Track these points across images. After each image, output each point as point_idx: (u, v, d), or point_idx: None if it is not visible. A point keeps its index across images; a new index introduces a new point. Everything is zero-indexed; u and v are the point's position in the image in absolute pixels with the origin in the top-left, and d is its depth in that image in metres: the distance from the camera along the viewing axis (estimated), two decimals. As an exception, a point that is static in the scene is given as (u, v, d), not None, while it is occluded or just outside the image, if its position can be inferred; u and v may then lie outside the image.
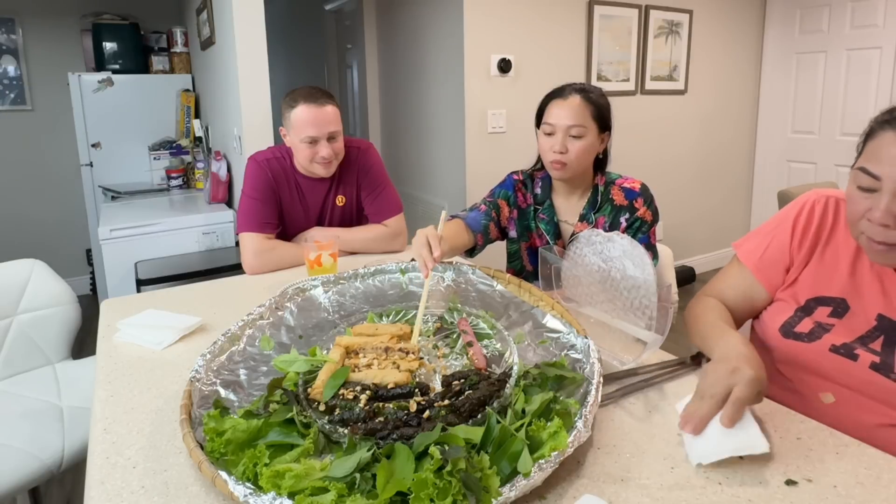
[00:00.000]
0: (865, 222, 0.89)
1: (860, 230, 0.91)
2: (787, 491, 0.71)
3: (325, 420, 0.80)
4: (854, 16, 3.64)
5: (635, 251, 1.02)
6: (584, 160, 1.45)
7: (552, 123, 1.43)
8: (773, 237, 1.08)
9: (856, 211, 0.90)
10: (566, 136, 1.41)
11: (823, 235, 1.03)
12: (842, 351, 0.94)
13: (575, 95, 1.43)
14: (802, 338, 0.98)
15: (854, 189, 0.90)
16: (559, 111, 1.42)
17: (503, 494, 0.65)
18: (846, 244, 1.00)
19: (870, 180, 0.87)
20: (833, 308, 0.99)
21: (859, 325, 0.96)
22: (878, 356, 0.92)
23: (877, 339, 0.94)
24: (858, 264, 0.99)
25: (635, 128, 3.62)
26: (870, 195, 0.88)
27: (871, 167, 0.87)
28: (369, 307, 1.20)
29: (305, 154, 1.66)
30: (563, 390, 0.86)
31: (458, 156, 3.09)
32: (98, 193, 3.52)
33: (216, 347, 0.97)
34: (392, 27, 3.59)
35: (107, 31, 3.64)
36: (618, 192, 1.49)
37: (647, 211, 1.47)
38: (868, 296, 0.97)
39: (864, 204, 0.88)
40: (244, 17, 2.36)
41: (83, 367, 1.72)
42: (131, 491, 0.73)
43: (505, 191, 1.59)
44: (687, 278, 3.99)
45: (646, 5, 3.50)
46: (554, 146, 1.41)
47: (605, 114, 1.46)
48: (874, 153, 0.87)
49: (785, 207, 1.10)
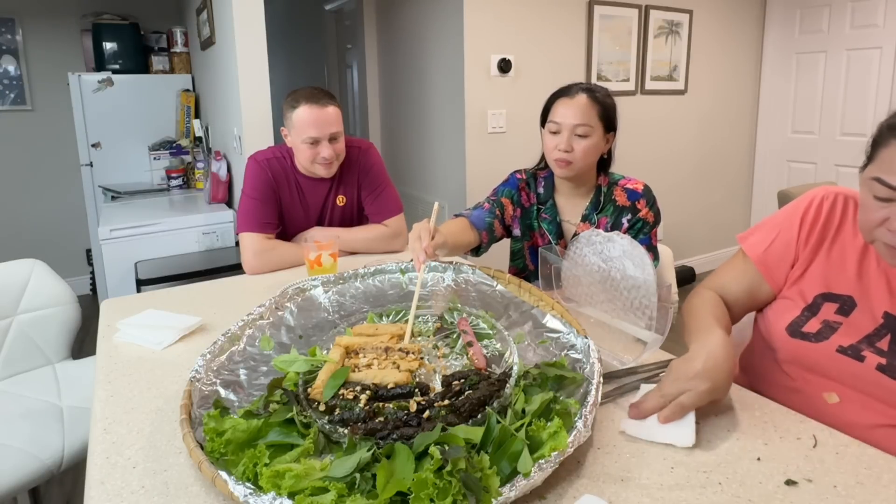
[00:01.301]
0: (884, 231, 0.88)
1: (875, 237, 0.90)
2: (787, 491, 0.71)
3: (325, 420, 0.80)
4: (854, 16, 3.64)
5: (635, 251, 1.02)
6: (588, 159, 1.44)
7: (558, 122, 1.42)
8: (779, 231, 1.07)
9: (872, 219, 0.89)
10: (572, 134, 1.41)
11: (830, 232, 1.02)
12: (849, 352, 0.94)
13: (582, 94, 1.42)
14: (810, 338, 0.98)
15: (870, 198, 0.89)
16: (565, 110, 1.42)
17: (503, 494, 0.65)
18: (853, 242, 1.00)
19: (887, 191, 0.86)
20: (840, 305, 0.98)
21: (866, 323, 0.96)
22: (885, 357, 0.92)
23: (884, 337, 0.94)
24: (865, 262, 0.98)
25: (635, 128, 3.62)
26: (887, 204, 0.87)
27: (888, 178, 0.85)
28: (369, 307, 1.20)
29: (307, 155, 1.66)
30: (563, 390, 0.86)
31: (458, 156, 3.09)
32: (98, 193, 3.52)
33: (216, 347, 0.97)
34: (392, 27, 3.59)
35: (107, 31, 3.64)
36: (620, 192, 1.49)
37: (649, 212, 1.47)
38: (875, 294, 0.96)
39: (881, 213, 0.87)
40: (244, 17, 2.36)
41: (83, 367, 1.72)
42: (131, 491, 0.73)
43: (509, 189, 1.58)
44: (687, 278, 3.99)
45: (646, 5, 3.50)
46: (559, 144, 1.41)
47: (611, 114, 1.46)
48: (889, 163, 0.85)
49: (793, 202, 1.08)
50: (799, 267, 1.04)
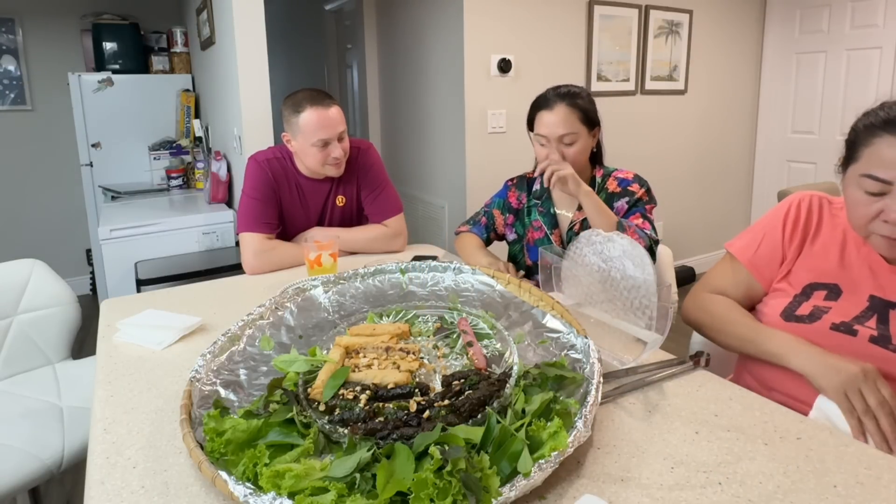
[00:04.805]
0: (879, 223, 0.95)
1: (870, 231, 0.97)
2: (788, 491, 0.71)
3: (325, 420, 0.80)
4: (854, 16, 3.64)
5: (635, 251, 1.02)
6: (579, 161, 1.52)
7: (544, 135, 1.49)
8: (764, 234, 1.15)
9: (865, 214, 0.97)
10: (559, 144, 1.48)
11: (811, 229, 1.12)
12: (842, 328, 1.00)
13: (560, 104, 1.47)
14: (804, 320, 1.04)
15: (860, 194, 0.97)
16: (548, 121, 1.48)
17: (503, 494, 0.65)
18: (832, 236, 1.09)
19: (879, 185, 0.93)
20: (828, 292, 1.06)
21: (853, 306, 1.03)
22: (876, 330, 0.99)
23: (871, 317, 1.01)
24: (846, 253, 1.07)
25: (635, 128, 3.62)
26: (879, 198, 0.94)
27: (879, 173, 0.92)
28: (369, 307, 1.20)
29: (317, 158, 1.66)
30: (563, 390, 0.86)
31: (458, 156, 3.09)
32: (98, 193, 3.52)
33: (216, 347, 0.97)
34: (392, 27, 3.59)
35: (107, 31, 3.64)
36: (612, 181, 1.56)
37: (643, 191, 1.52)
38: (859, 279, 1.04)
39: (874, 207, 0.95)
40: (244, 17, 2.36)
41: (83, 367, 1.72)
42: (131, 491, 0.73)
43: (500, 199, 1.70)
44: (687, 278, 3.98)
45: (646, 5, 3.50)
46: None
47: (591, 114, 1.51)
48: (877, 159, 0.93)
49: (773, 208, 1.18)
50: (787, 265, 1.12)
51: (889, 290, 1.01)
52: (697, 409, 0.90)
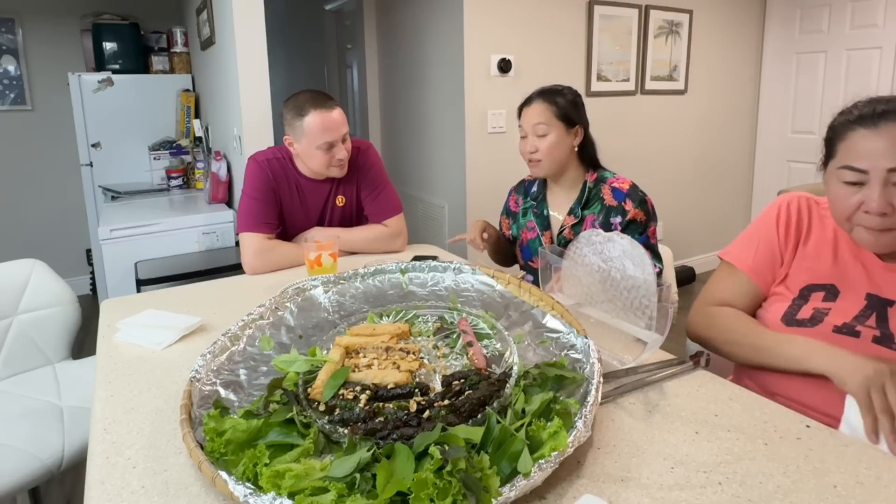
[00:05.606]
0: (861, 214, 0.97)
1: (854, 223, 0.99)
2: (788, 491, 0.71)
3: (325, 420, 0.80)
4: (854, 16, 3.64)
5: (635, 251, 1.02)
6: (554, 155, 1.56)
7: (522, 126, 1.59)
8: (759, 239, 1.14)
9: (847, 206, 0.98)
10: (534, 136, 1.56)
11: (804, 229, 1.12)
12: (844, 330, 1.00)
13: (538, 100, 1.58)
14: (805, 323, 1.04)
15: (840, 187, 0.99)
16: (526, 116, 1.58)
17: (503, 494, 0.65)
18: (823, 235, 1.10)
19: (856, 175, 0.96)
20: (825, 293, 1.06)
21: (851, 306, 1.03)
22: (878, 330, 0.98)
23: (870, 317, 1.00)
24: (839, 252, 1.08)
25: (635, 128, 3.62)
26: (858, 189, 0.96)
27: (854, 163, 0.96)
28: (369, 307, 1.20)
29: (322, 160, 1.66)
30: (563, 390, 0.86)
31: (458, 156, 3.09)
32: (98, 193, 3.52)
33: (216, 347, 0.97)
34: (392, 27, 3.59)
35: (107, 31, 3.64)
36: (607, 190, 1.56)
37: (637, 211, 1.51)
38: (855, 278, 1.05)
39: (854, 199, 0.97)
40: (244, 17, 2.36)
41: (83, 367, 1.72)
42: (131, 491, 0.73)
43: (505, 206, 1.81)
44: (687, 278, 3.98)
45: (646, 5, 3.50)
46: (526, 147, 1.58)
47: (569, 112, 1.56)
48: (852, 151, 0.96)
49: (763, 212, 1.18)
50: (784, 267, 1.12)
51: (885, 287, 1.02)
52: (697, 409, 0.90)
